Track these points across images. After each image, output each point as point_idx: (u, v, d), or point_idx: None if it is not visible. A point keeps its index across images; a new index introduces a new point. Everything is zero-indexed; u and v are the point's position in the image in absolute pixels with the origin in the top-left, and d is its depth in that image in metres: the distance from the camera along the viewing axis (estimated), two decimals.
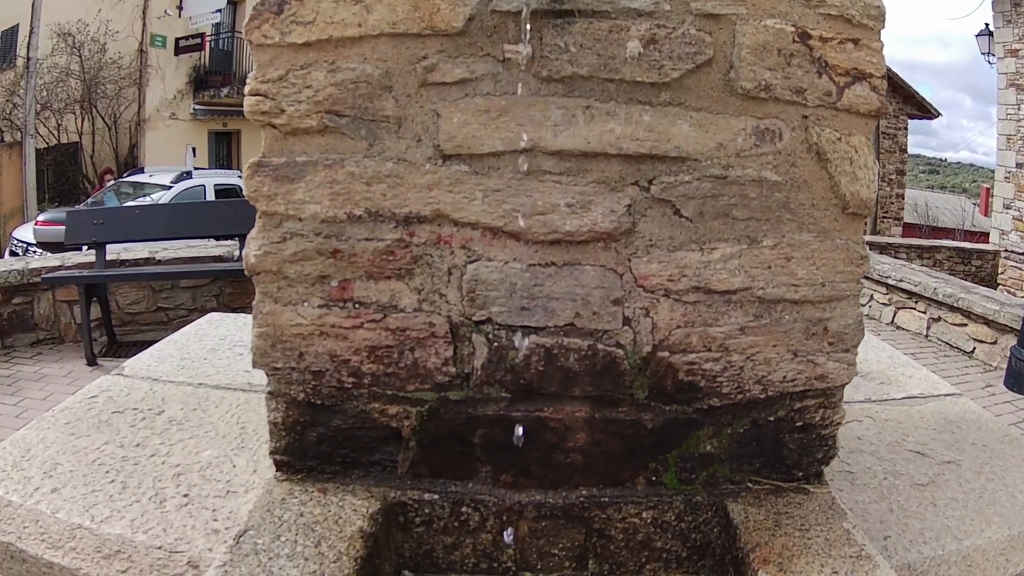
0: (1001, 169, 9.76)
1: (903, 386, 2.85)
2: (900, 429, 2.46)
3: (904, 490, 2.03)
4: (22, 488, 1.82)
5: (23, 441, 2.07)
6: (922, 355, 5.29)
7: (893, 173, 17.21)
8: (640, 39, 1.25)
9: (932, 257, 9.99)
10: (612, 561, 1.48)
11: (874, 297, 6.14)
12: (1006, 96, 9.49)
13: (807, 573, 1.28)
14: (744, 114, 1.30)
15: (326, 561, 1.21)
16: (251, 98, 1.30)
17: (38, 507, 1.73)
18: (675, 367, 1.38)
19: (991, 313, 5.03)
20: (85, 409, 2.28)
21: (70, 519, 1.68)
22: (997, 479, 2.14)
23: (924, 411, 2.62)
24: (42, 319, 4.97)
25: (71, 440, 2.09)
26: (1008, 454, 2.31)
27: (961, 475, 2.17)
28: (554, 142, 1.27)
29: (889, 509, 1.92)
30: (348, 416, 1.40)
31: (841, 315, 1.40)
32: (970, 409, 2.66)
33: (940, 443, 2.38)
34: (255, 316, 1.37)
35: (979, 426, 2.51)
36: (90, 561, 1.58)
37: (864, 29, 1.34)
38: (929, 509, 1.94)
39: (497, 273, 1.34)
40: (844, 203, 1.36)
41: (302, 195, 1.31)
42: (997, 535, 1.84)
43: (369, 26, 1.26)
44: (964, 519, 1.90)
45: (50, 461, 1.98)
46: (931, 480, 2.11)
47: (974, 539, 1.81)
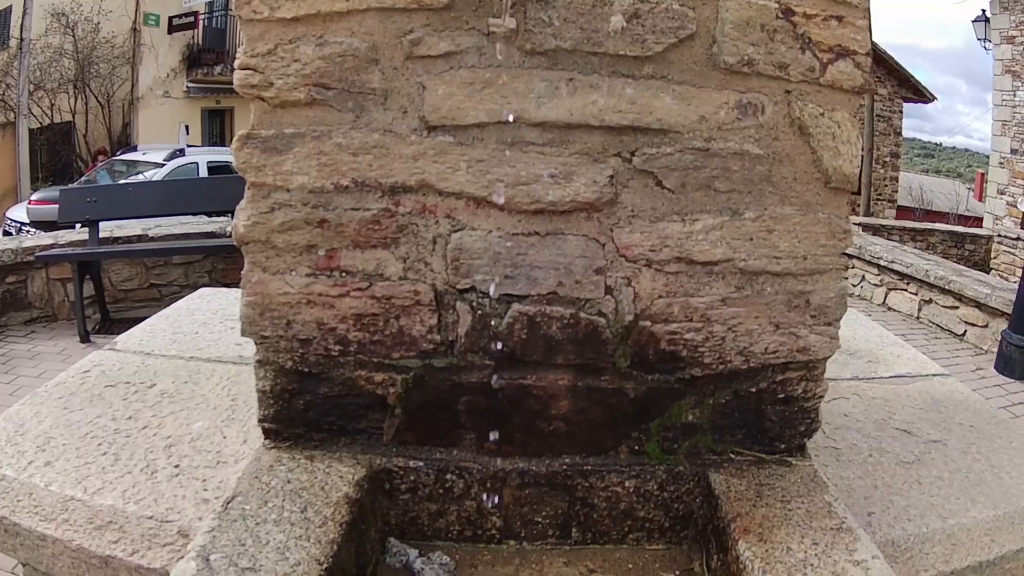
0: (996, 155, 9.79)
1: (891, 365, 2.85)
2: (887, 407, 2.45)
3: (889, 467, 2.04)
4: (16, 462, 1.83)
5: (17, 416, 2.08)
6: (913, 337, 5.28)
7: (887, 156, 17.18)
8: (623, 13, 1.26)
9: (926, 240, 10.01)
10: (595, 530, 1.50)
11: (866, 278, 6.14)
12: (1002, 82, 9.50)
13: (787, 544, 1.30)
14: (727, 88, 1.32)
15: (312, 526, 1.23)
16: (241, 72, 1.32)
17: (32, 480, 1.74)
18: (657, 337, 1.40)
19: (982, 296, 5.04)
20: (78, 384, 2.29)
21: (63, 491, 1.70)
22: (984, 459, 2.14)
23: (911, 390, 2.62)
24: (36, 297, 4.99)
25: (64, 414, 2.10)
26: (995, 435, 2.32)
27: (947, 454, 2.17)
28: (537, 113, 1.29)
29: (874, 486, 1.92)
30: (335, 384, 1.43)
31: (823, 288, 1.42)
32: (958, 389, 2.66)
33: (927, 422, 2.38)
34: (244, 285, 1.39)
35: (967, 406, 2.51)
36: (82, 532, 1.60)
37: (849, 7, 1.35)
38: (914, 487, 1.95)
39: (481, 242, 1.36)
40: (827, 177, 1.37)
41: (290, 166, 1.32)
42: (982, 515, 1.84)
43: (356, 0, 1.27)
44: (949, 498, 1.91)
45: (44, 435, 1.99)
46: (917, 459, 2.11)
47: (959, 518, 1.82)
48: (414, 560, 1.37)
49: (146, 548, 1.52)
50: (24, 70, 13.65)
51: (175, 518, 1.55)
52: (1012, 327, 4.66)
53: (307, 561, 1.12)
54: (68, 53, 15.40)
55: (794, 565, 1.23)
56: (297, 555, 1.14)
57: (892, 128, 17.38)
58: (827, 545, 1.30)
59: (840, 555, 1.27)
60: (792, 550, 1.27)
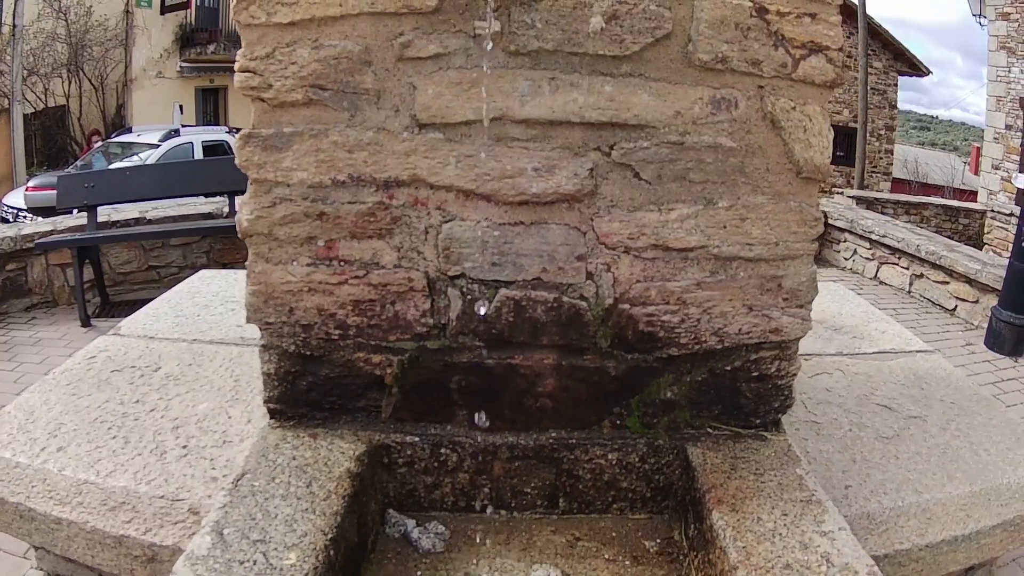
0: (990, 130, 9.80)
1: (876, 341, 2.87)
2: (869, 383, 2.49)
3: (868, 442, 2.08)
4: (28, 449, 1.87)
5: (27, 404, 2.12)
6: (904, 311, 5.32)
7: (882, 129, 17.15)
8: (602, 15, 1.33)
9: (920, 214, 9.99)
10: (581, 500, 1.60)
11: (857, 251, 6.15)
12: (996, 58, 9.48)
13: (758, 514, 1.38)
14: (701, 84, 1.39)
15: (317, 499, 1.33)
16: (241, 74, 1.39)
17: (45, 466, 1.79)
18: (635, 318, 1.49)
19: (973, 272, 5.05)
20: (85, 369, 2.33)
21: (76, 475, 1.75)
22: (963, 436, 2.18)
23: (894, 366, 2.64)
24: (36, 284, 4.97)
25: (73, 400, 2.14)
26: (975, 412, 2.35)
27: (927, 430, 2.20)
28: (521, 111, 1.36)
29: (852, 460, 1.97)
30: (335, 365, 1.52)
31: (795, 273, 1.51)
32: (941, 366, 2.69)
33: (908, 398, 2.41)
34: (248, 275, 1.47)
35: (949, 383, 2.54)
36: (96, 514, 1.65)
37: (822, 4, 1.40)
38: (892, 462, 1.99)
39: (470, 232, 1.44)
40: (798, 168, 1.45)
41: (290, 163, 1.40)
42: (958, 491, 1.88)
43: (349, 5, 1.34)
44: (926, 473, 1.95)
45: (54, 422, 2.02)
46: (896, 434, 2.16)
47: (934, 493, 1.86)
48: (412, 530, 1.47)
49: (158, 526, 1.60)
50: (17, 56, 13.53)
51: (185, 496, 1.63)
52: (1002, 303, 4.68)
53: (313, 532, 1.22)
54: (61, 38, 15.34)
55: (763, 534, 1.32)
56: (304, 527, 1.24)
57: (887, 101, 17.34)
58: (796, 516, 1.38)
59: (808, 525, 1.35)
60: (762, 520, 1.36)
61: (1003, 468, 1.99)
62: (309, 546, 1.18)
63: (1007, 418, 2.30)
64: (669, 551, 1.51)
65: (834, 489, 1.81)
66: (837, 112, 17.06)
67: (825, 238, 6.40)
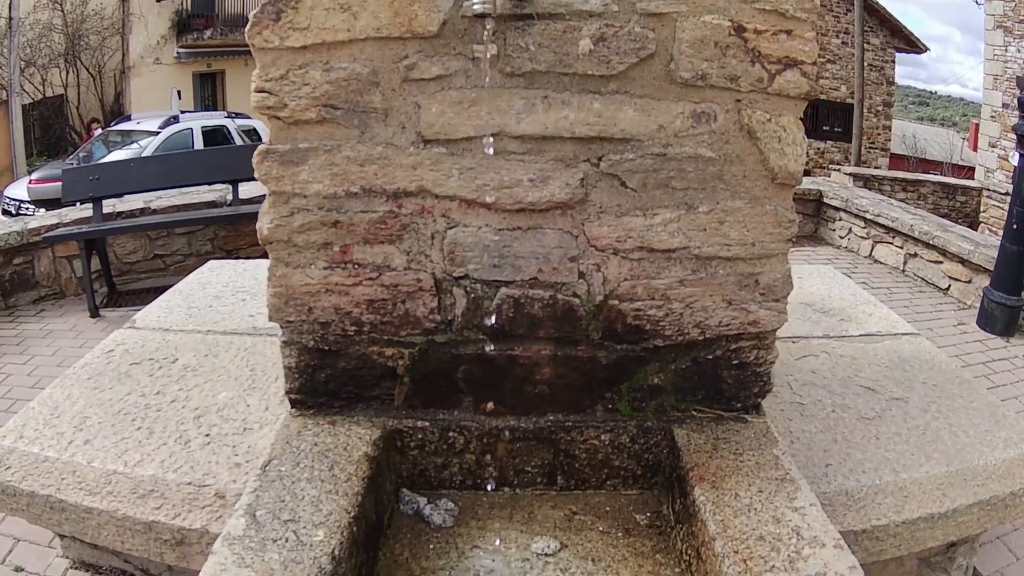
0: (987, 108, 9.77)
1: (862, 323, 2.93)
2: (854, 365, 2.56)
3: (850, 423, 2.17)
4: (56, 443, 1.93)
5: (50, 399, 2.16)
6: (897, 290, 5.37)
7: (880, 105, 17.14)
8: (591, 37, 1.45)
9: (917, 191, 9.98)
10: (577, 477, 1.75)
11: (852, 230, 6.20)
12: (993, 37, 9.44)
13: (736, 491, 1.51)
14: (683, 100, 1.51)
15: (339, 481, 1.47)
16: (257, 95, 1.51)
17: (74, 459, 1.86)
18: (624, 313, 1.63)
19: (966, 253, 5.07)
20: (104, 363, 2.37)
21: (105, 466, 1.82)
22: (942, 418, 2.25)
23: (879, 349, 2.71)
24: (43, 276, 4.99)
25: (95, 394, 2.19)
26: (956, 394, 2.42)
27: (907, 412, 2.28)
28: (517, 128, 1.49)
29: (834, 440, 2.07)
30: (351, 359, 1.67)
31: (771, 270, 1.64)
32: (925, 348, 2.75)
33: (891, 380, 2.48)
34: (269, 279, 1.61)
35: (932, 366, 2.60)
36: (127, 502, 1.74)
37: (797, 21, 1.51)
38: (872, 442, 2.08)
39: (472, 237, 1.57)
40: (773, 175, 1.57)
41: (306, 176, 1.53)
42: (935, 470, 1.97)
43: (357, 31, 1.46)
44: (904, 453, 2.04)
45: (79, 415, 2.07)
46: (877, 415, 2.24)
47: (912, 472, 1.95)
48: (424, 507, 1.63)
49: (187, 511, 1.70)
50: (14, 49, 13.46)
51: (211, 482, 1.73)
52: (994, 284, 4.71)
53: (337, 511, 1.37)
54: (58, 28, 15.30)
55: (740, 509, 1.46)
56: (329, 507, 1.38)
57: (884, 77, 17.31)
58: (771, 493, 1.51)
59: (781, 501, 1.48)
60: (740, 496, 1.49)
61: (980, 449, 2.07)
62: (334, 524, 1.33)
63: (988, 400, 2.37)
64: (658, 524, 1.66)
65: (815, 467, 1.92)
66: (835, 88, 17.06)
67: (821, 217, 6.47)
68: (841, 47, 16.38)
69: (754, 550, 1.35)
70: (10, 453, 1.89)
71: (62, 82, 15.77)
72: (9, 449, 1.90)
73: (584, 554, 1.55)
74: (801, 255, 6.01)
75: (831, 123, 17.37)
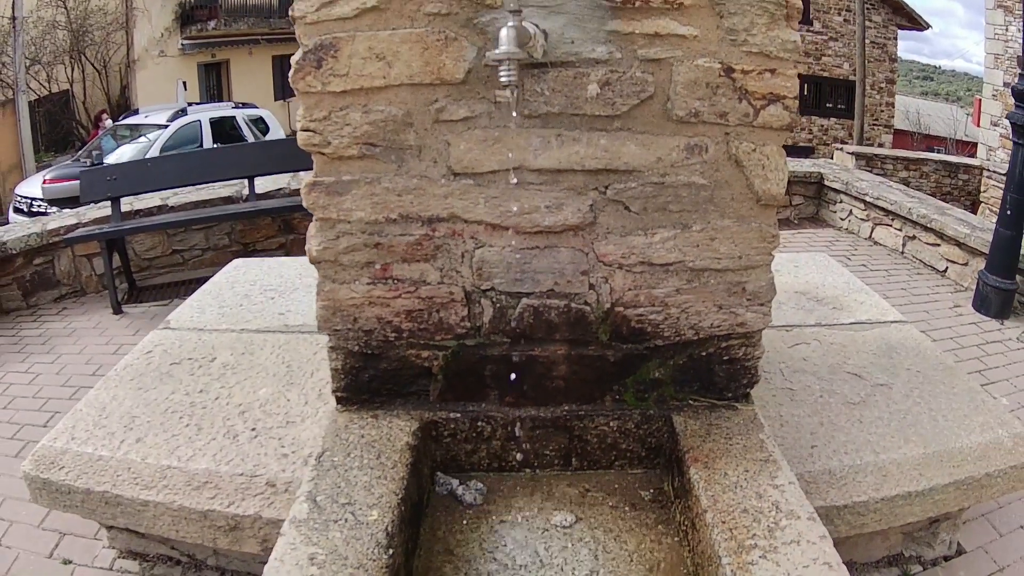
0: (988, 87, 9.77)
1: (853, 312, 3.08)
2: (843, 352, 2.72)
3: (836, 407, 2.34)
4: (108, 443, 2.07)
5: (96, 401, 2.28)
6: (896, 272, 5.45)
7: (883, 82, 17.18)
8: (598, 82, 1.66)
9: (919, 169, 10.03)
10: (589, 459, 1.99)
11: (853, 212, 6.29)
12: (994, 16, 9.42)
13: (725, 470, 1.74)
14: (678, 134, 1.72)
15: (386, 468, 1.72)
16: (303, 133, 1.73)
17: (128, 457, 2.01)
18: (628, 318, 1.87)
19: (962, 236, 5.11)
20: (145, 364, 2.50)
21: (159, 462, 1.98)
22: (923, 403, 2.39)
23: (868, 336, 2.86)
24: (64, 275, 5.02)
25: (140, 394, 2.31)
26: (939, 380, 2.54)
27: (891, 397, 2.42)
28: (535, 162, 1.71)
29: (820, 423, 2.25)
30: (392, 361, 1.91)
31: (756, 279, 1.86)
32: (912, 336, 2.89)
33: (877, 367, 2.62)
34: (318, 293, 1.85)
35: (917, 353, 2.74)
36: (182, 494, 1.91)
37: (780, 60, 1.69)
38: (856, 425, 2.25)
39: (497, 255, 1.81)
40: (758, 197, 1.78)
41: (349, 204, 1.76)
42: (913, 452, 2.14)
43: (391, 78, 1.67)
44: (885, 436, 2.20)
45: (127, 415, 2.20)
46: (862, 400, 2.40)
47: (891, 454, 2.12)
48: (456, 487, 1.88)
49: (240, 499, 1.89)
50: (19, 47, 13.49)
51: (262, 472, 1.93)
52: (989, 268, 4.70)
53: (387, 494, 1.62)
54: (61, 25, 15.40)
55: (728, 486, 1.69)
56: (379, 490, 1.63)
57: (887, 54, 17.33)
58: (755, 472, 1.73)
59: (764, 480, 1.71)
60: (728, 475, 1.73)
61: (958, 433, 2.23)
62: (385, 505, 1.58)
63: (968, 387, 2.52)
64: (660, 499, 1.90)
65: (802, 448, 2.11)
66: (838, 66, 17.08)
67: (822, 199, 6.59)
68: (843, 24, 16.37)
69: (739, 521, 1.58)
70: (63, 454, 2.05)
71: (67, 78, 15.90)
72: (62, 450, 2.06)
73: (597, 526, 1.79)
74: (802, 237, 6.09)
75: (834, 100, 17.41)
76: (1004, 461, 2.16)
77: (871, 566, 2.38)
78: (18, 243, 4.70)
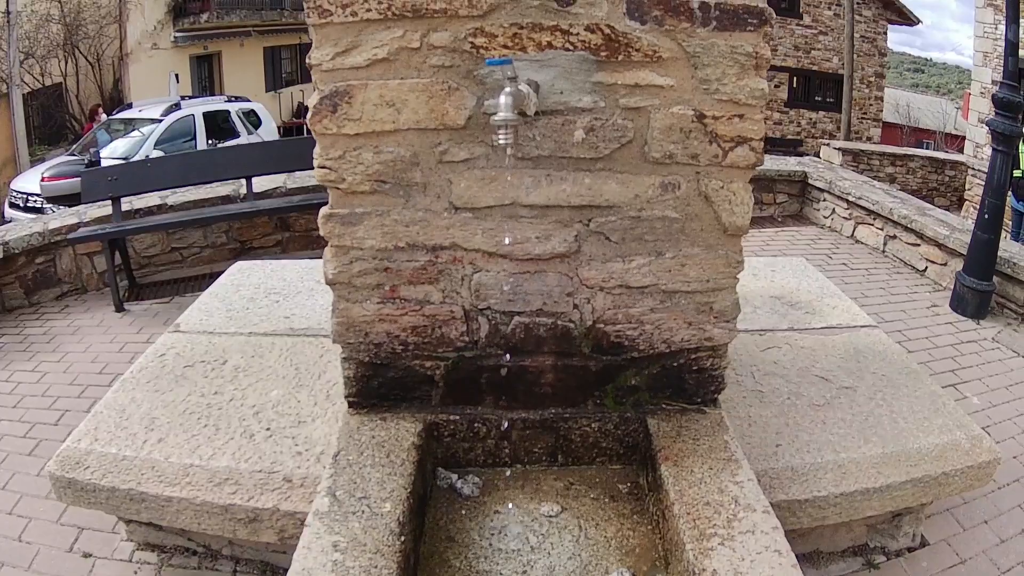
0: (976, 84, 9.90)
1: (825, 316, 3.23)
2: (812, 356, 2.88)
3: (802, 409, 2.50)
4: (131, 443, 2.21)
5: (115, 403, 2.40)
6: (876, 271, 5.55)
7: (872, 76, 17.32)
8: (583, 128, 1.88)
9: (905, 165, 10.13)
10: (573, 456, 2.22)
11: (836, 211, 6.42)
12: (984, 15, 9.51)
13: (691, 468, 1.96)
14: (654, 174, 1.94)
15: (395, 465, 1.94)
16: (320, 170, 1.93)
17: (151, 456, 2.15)
18: (608, 333, 2.10)
19: (942, 237, 5.21)
20: (159, 367, 2.63)
21: (181, 461, 2.13)
22: (885, 405, 2.54)
23: (837, 341, 3.01)
24: (65, 273, 5.09)
25: (158, 396, 2.44)
26: (902, 384, 2.69)
27: (855, 400, 2.57)
28: (527, 199, 1.93)
29: (785, 423, 2.42)
30: (399, 370, 2.14)
31: (722, 300, 2.09)
32: (880, 340, 3.03)
33: (844, 371, 2.77)
34: (333, 311, 2.07)
35: (884, 357, 2.88)
36: (204, 490, 2.07)
37: (748, 107, 1.90)
38: (819, 426, 2.41)
39: (493, 279, 2.03)
40: (725, 228, 2.01)
41: (362, 234, 1.98)
42: (872, 452, 2.29)
43: (400, 123, 1.88)
44: (846, 436, 2.36)
45: (147, 417, 2.33)
46: (827, 402, 2.55)
47: (850, 453, 2.28)
48: (456, 481, 2.12)
49: (259, 494, 2.06)
50: (13, 42, 13.47)
51: (279, 469, 2.11)
52: (966, 269, 4.79)
53: (398, 488, 1.85)
54: (55, 18, 15.42)
55: (694, 481, 1.91)
56: (391, 485, 1.86)
57: (876, 49, 17.46)
58: (718, 470, 1.96)
59: (726, 477, 1.93)
60: (694, 472, 1.95)
61: (916, 434, 2.39)
62: (397, 498, 1.82)
63: (931, 390, 2.67)
64: (636, 492, 2.13)
65: (767, 447, 2.30)
66: (827, 60, 17.24)
67: (806, 197, 6.78)
68: (833, 19, 16.49)
69: (702, 513, 1.81)
70: (88, 455, 2.20)
71: (61, 72, 15.90)
72: (86, 451, 2.21)
73: (580, 515, 2.02)
74: (786, 235, 6.22)
75: (823, 94, 17.58)
76: (961, 461, 2.33)
77: (837, 555, 2.56)
78: (20, 242, 4.79)
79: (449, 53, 1.83)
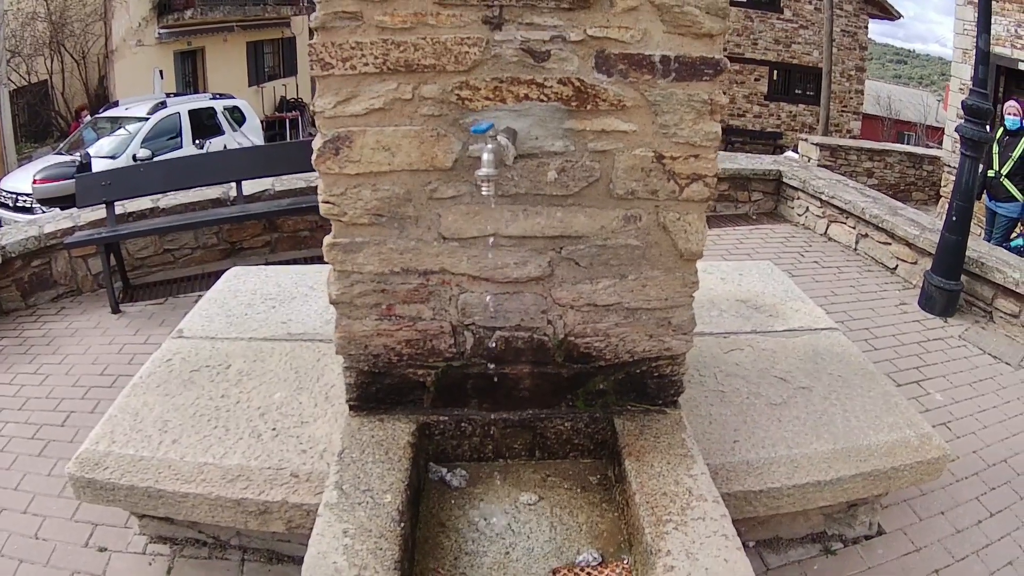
0: (956, 80, 9.86)
1: (787, 319, 3.41)
2: (772, 358, 3.05)
3: (760, 408, 2.69)
4: (147, 445, 2.36)
5: (128, 407, 2.56)
6: (847, 268, 5.68)
7: (852, 69, 17.45)
8: (556, 170, 2.15)
9: (883, 160, 10.23)
10: (549, 451, 2.49)
11: (810, 209, 6.57)
12: (963, 12, 9.56)
13: (652, 463, 2.21)
14: (618, 208, 2.20)
15: (393, 461, 2.21)
16: (324, 205, 2.17)
17: (167, 456, 2.32)
18: (578, 345, 2.38)
19: (912, 237, 5.35)
20: (167, 372, 2.78)
21: (196, 460, 2.30)
22: (839, 404, 2.71)
23: (798, 343, 3.19)
24: (60, 275, 5.17)
25: (169, 400, 2.59)
26: (857, 384, 2.84)
27: (810, 399, 2.74)
28: (506, 230, 2.20)
29: (744, 421, 2.61)
30: (395, 377, 2.41)
31: (679, 315, 2.37)
32: (839, 343, 3.20)
33: (802, 371, 2.94)
34: (336, 327, 2.33)
35: (841, 358, 3.05)
36: (218, 486, 2.24)
37: (703, 148, 2.14)
38: (775, 423, 2.59)
39: (477, 299, 2.30)
40: (681, 254, 2.27)
41: (361, 260, 2.24)
42: (823, 448, 2.47)
43: (395, 164, 2.13)
44: (800, 433, 2.54)
45: (159, 420, 2.49)
46: (784, 401, 2.73)
47: (803, 448, 2.46)
48: (445, 475, 2.39)
49: (269, 488, 2.25)
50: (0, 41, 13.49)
51: (286, 466, 2.31)
52: (934, 269, 4.92)
53: (397, 482, 2.12)
54: (41, 17, 15.43)
55: (653, 475, 2.17)
56: (391, 479, 2.13)
57: (858, 43, 17.55)
58: (675, 465, 2.20)
59: (682, 471, 2.18)
60: (654, 466, 2.20)
61: (867, 432, 2.56)
62: (396, 490, 2.09)
63: (885, 391, 2.85)
64: (604, 484, 2.39)
65: (725, 443, 2.51)
66: (807, 53, 17.43)
67: (781, 195, 6.96)
68: (814, 13, 16.64)
69: (659, 502, 2.07)
70: (106, 456, 2.35)
71: (47, 69, 15.89)
72: (104, 453, 2.36)
73: (555, 503, 2.27)
74: (759, 233, 6.50)
75: (803, 87, 17.77)
76: (911, 457, 2.51)
77: (796, 542, 2.73)
78: (17, 246, 4.88)
79: (438, 104, 2.08)
